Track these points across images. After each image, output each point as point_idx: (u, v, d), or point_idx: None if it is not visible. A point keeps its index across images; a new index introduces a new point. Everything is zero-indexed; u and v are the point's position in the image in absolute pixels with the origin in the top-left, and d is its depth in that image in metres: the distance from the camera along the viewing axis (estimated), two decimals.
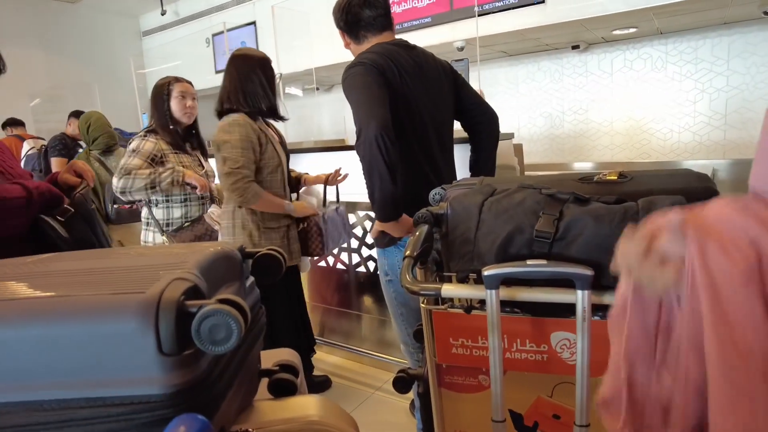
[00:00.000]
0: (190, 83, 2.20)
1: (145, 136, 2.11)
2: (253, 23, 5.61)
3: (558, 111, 4.88)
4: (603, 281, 0.78)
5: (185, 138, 2.21)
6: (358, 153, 1.45)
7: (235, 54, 2.02)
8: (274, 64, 2.06)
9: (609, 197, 0.88)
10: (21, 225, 1.08)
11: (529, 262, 0.74)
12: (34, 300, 0.52)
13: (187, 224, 2.10)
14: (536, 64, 4.89)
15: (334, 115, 6.06)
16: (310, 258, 2.20)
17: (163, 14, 6.59)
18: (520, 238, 0.81)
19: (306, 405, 0.72)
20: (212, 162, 2.14)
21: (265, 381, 0.78)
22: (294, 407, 0.72)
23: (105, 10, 6.60)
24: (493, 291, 0.78)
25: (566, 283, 0.80)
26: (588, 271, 0.74)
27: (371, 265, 2.53)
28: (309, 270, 2.33)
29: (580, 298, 0.76)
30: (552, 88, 4.86)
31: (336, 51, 4.73)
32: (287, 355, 0.88)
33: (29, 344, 0.49)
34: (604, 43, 4.51)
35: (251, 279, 0.77)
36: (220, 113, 1.98)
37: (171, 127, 2.13)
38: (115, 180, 2.02)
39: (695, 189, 0.96)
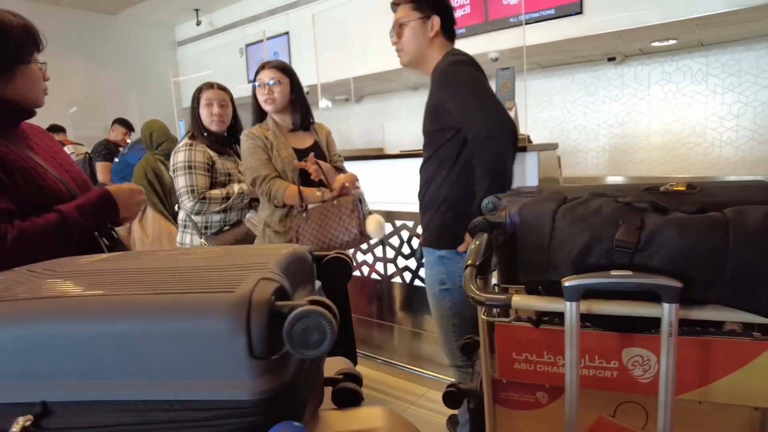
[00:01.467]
0: (223, 89, 2.18)
1: (190, 145, 2.12)
2: (287, 33, 5.68)
3: (593, 124, 4.80)
4: (689, 294, 0.73)
5: (224, 143, 2.22)
6: (483, 149, 1.42)
7: None
8: (311, 74, 2.16)
9: (688, 207, 0.84)
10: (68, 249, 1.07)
11: (613, 272, 0.70)
12: (121, 297, 0.50)
13: (226, 228, 2.11)
14: (571, 76, 4.83)
15: (363, 125, 6.09)
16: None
17: (198, 24, 6.74)
18: (599, 248, 0.77)
19: (374, 416, 0.69)
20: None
21: (328, 390, 0.76)
22: (361, 418, 0.69)
23: (142, 22, 6.78)
24: (574, 303, 0.74)
25: (646, 296, 0.76)
26: (677, 284, 0.69)
27: (407, 276, 2.49)
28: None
29: (667, 311, 0.71)
30: (587, 101, 4.78)
31: (372, 61, 4.79)
32: (345, 363, 0.86)
33: (116, 342, 0.47)
34: (642, 55, 4.43)
35: (318, 283, 0.75)
36: None
37: (204, 134, 2.14)
38: (188, 202, 2.06)
39: None
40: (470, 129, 1.46)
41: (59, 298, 0.51)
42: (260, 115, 2.08)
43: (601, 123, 4.76)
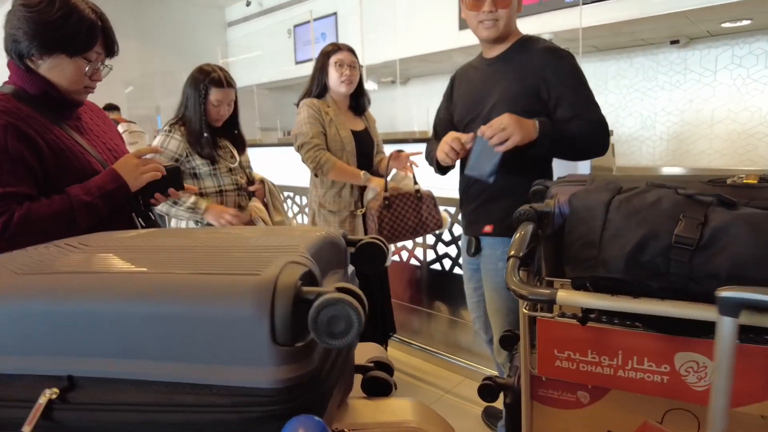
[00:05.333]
0: (232, 86, 1.96)
1: (169, 131, 1.94)
2: (334, 14, 5.65)
3: (650, 111, 4.55)
4: None
5: (219, 132, 2.01)
6: (593, 129, 1.43)
7: None
8: (359, 55, 2.09)
9: (761, 203, 0.76)
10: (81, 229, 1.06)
11: None
12: (145, 275, 0.49)
13: None
14: (628, 60, 4.58)
15: (409, 108, 6.01)
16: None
17: (248, 5, 6.80)
18: (655, 245, 0.70)
19: (404, 409, 0.66)
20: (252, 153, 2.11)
21: (358, 377, 0.74)
22: (391, 410, 0.67)
23: (193, 3, 6.91)
24: (730, 320, 0.64)
25: (703, 297, 0.69)
26: None
27: (447, 263, 2.45)
28: (389, 263, 2.28)
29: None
30: (645, 87, 4.53)
31: (420, 42, 4.69)
32: (377, 351, 0.84)
33: (139, 319, 0.46)
34: (709, 37, 4.13)
35: (351, 268, 0.72)
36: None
37: (205, 135, 1.92)
38: None
39: None
40: (584, 113, 1.42)
41: (89, 273, 0.50)
42: (320, 90, 2.08)
43: (659, 110, 4.50)
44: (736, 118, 4.14)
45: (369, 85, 5.98)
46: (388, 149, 2.17)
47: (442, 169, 1.60)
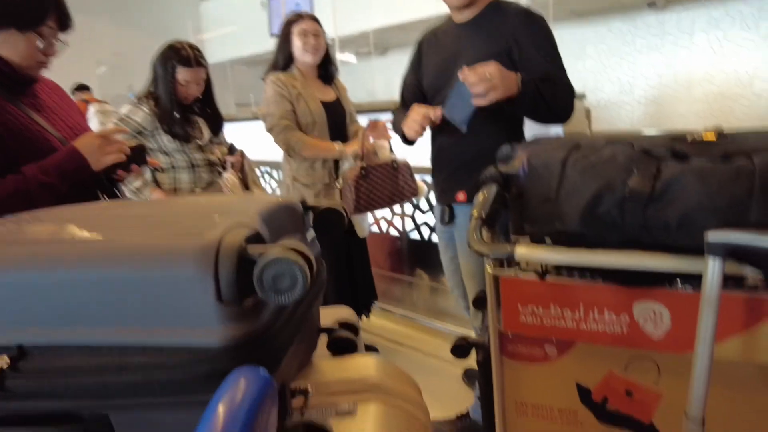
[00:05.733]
0: (201, 65, 1.91)
1: (138, 102, 1.89)
2: None
3: (628, 76, 4.55)
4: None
5: (190, 110, 1.98)
6: (564, 92, 1.43)
7: None
8: (330, 26, 2.04)
9: (712, 155, 0.77)
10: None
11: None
12: (89, 243, 0.49)
13: (198, 190, 1.97)
14: (606, 24, 4.55)
15: (389, 79, 5.94)
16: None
17: None
18: (609, 198, 0.72)
19: (366, 365, 0.68)
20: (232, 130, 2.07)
21: (323, 338, 0.75)
22: (354, 367, 0.68)
23: None
24: (718, 259, 0.65)
25: (666, 248, 0.72)
26: None
27: (425, 231, 2.47)
28: (367, 234, 2.28)
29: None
30: (623, 51, 4.52)
31: (397, 10, 4.61)
32: (345, 313, 0.85)
33: (84, 287, 0.46)
34: None
35: (312, 233, 0.73)
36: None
37: (175, 114, 1.87)
38: None
39: None
40: (556, 75, 1.41)
41: (33, 244, 0.50)
42: (286, 62, 2.04)
43: (637, 74, 4.50)
44: (713, 80, 4.17)
45: (347, 58, 5.90)
46: (368, 119, 2.15)
47: (410, 141, 1.58)
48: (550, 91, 1.37)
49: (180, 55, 1.87)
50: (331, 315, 0.82)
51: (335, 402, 0.59)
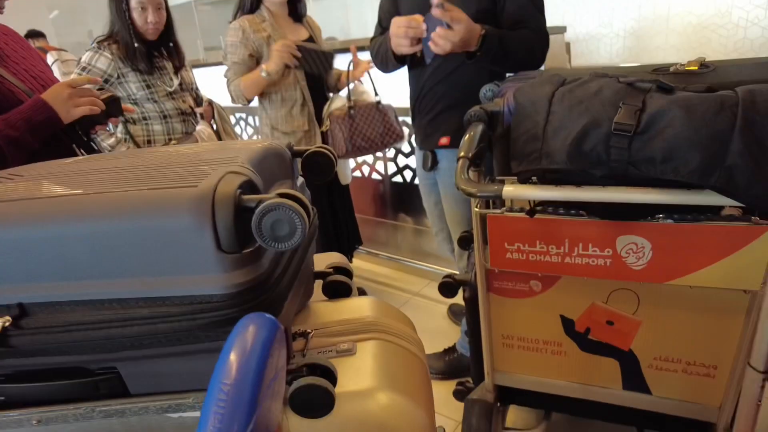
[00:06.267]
0: None
1: (98, 47, 1.79)
2: None
3: (607, 8, 4.45)
4: (691, 179, 0.70)
5: (156, 48, 1.89)
6: (539, 43, 1.38)
7: None
8: None
9: (698, 86, 0.78)
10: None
11: None
12: (82, 197, 0.48)
13: (173, 141, 1.91)
14: None
15: (362, 11, 5.70)
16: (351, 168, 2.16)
17: None
18: (595, 133, 0.72)
19: (362, 306, 0.70)
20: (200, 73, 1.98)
21: (319, 283, 0.77)
22: (350, 308, 0.70)
23: None
24: None
25: (648, 182, 0.73)
26: None
27: (408, 174, 2.47)
28: (350, 181, 2.27)
29: None
30: None
31: None
32: (337, 258, 0.86)
33: (84, 242, 0.46)
34: None
35: (301, 179, 0.72)
36: None
37: (135, 45, 1.78)
38: None
39: None
40: (530, 22, 1.36)
41: (25, 200, 0.49)
42: (253, 4, 1.92)
43: (616, 6, 4.40)
44: (692, 10, 4.10)
45: None
46: (344, 59, 2.08)
47: (401, 60, 1.46)
48: (515, 44, 1.31)
49: None
50: (323, 260, 0.83)
51: (335, 342, 0.61)
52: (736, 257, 0.79)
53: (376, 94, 2.01)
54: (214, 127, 2.04)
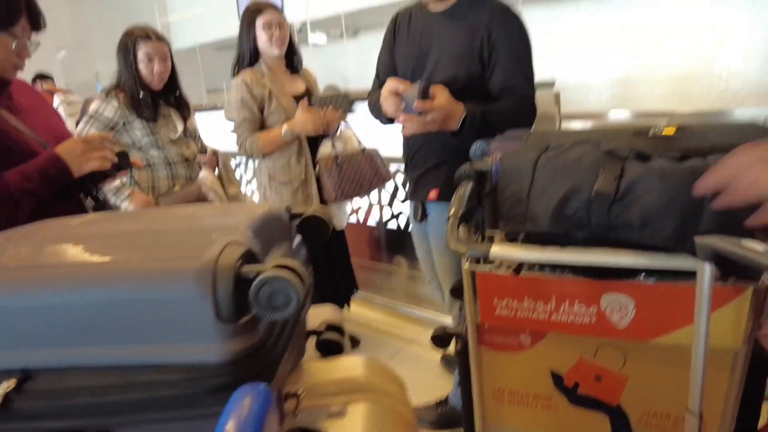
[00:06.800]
0: (163, 39, 1.92)
1: (106, 96, 1.88)
2: None
3: (596, 56, 4.63)
4: (667, 244, 0.74)
5: (161, 96, 1.96)
6: (522, 106, 1.43)
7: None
8: (301, 10, 2.03)
9: (671, 154, 0.82)
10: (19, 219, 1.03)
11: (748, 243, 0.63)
12: (87, 265, 0.51)
13: (176, 187, 1.95)
14: (575, 5, 4.62)
15: (362, 62, 5.90)
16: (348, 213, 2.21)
17: None
18: (577, 199, 0.76)
19: (354, 366, 0.72)
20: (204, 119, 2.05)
21: (311, 339, 0.79)
22: (342, 368, 0.72)
23: None
24: (708, 265, 0.69)
25: (631, 244, 0.77)
26: None
27: (403, 220, 2.51)
28: (345, 226, 2.31)
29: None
30: (591, 32, 4.59)
31: None
32: (331, 313, 0.88)
33: (87, 310, 0.48)
34: None
35: (298, 238, 0.75)
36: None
37: (141, 94, 1.87)
38: None
39: None
40: (517, 87, 1.42)
41: (31, 267, 0.52)
42: (252, 56, 2.01)
43: (604, 56, 4.59)
44: (676, 61, 4.28)
45: (318, 39, 5.82)
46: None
47: (391, 120, 1.52)
48: (499, 118, 1.37)
49: (138, 32, 1.88)
50: (317, 315, 0.85)
51: (326, 404, 0.62)
52: (715, 317, 0.82)
53: (360, 143, 2.08)
54: (217, 172, 2.10)
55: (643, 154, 0.80)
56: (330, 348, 0.78)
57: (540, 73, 1.68)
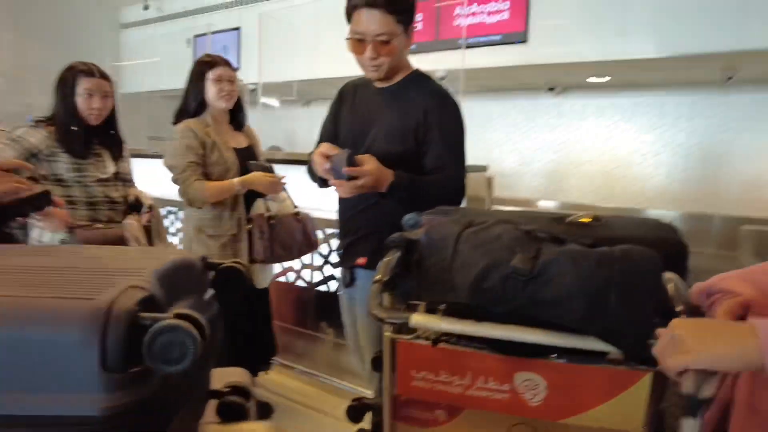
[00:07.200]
0: (106, 77, 1.86)
1: (35, 125, 1.78)
2: (238, 29, 5.55)
3: (529, 149, 5.01)
4: (576, 325, 0.77)
5: (96, 134, 1.88)
6: (452, 187, 1.49)
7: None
8: (255, 73, 2.08)
9: (585, 240, 0.88)
10: None
11: None
12: None
13: (98, 225, 1.82)
14: (512, 101, 5.02)
15: (311, 129, 6.04)
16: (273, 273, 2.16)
17: (145, 9, 6.46)
18: (495, 273, 0.79)
19: None
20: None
21: (213, 403, 0.73)
22: None
23: None
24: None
25: (544, 324, 0.79)
26: None
27: (333, 285, 2.48)
28: (268, 285, 2.24)
29: None
30: (525, 127, 4.99)
31: (318, 66, 4.76)
32: (240, 375, 0.83)
33: None
34: (579, 88, 4.68)
35: (211, 292, 0.72)
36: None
37: (73, 128, 1.79)
38: None
39: (665, 239, 0.98)
40: (446, 168, 1.48)
41: None
42: (198, 107, 2.01)
43: (536, 149, 4.97)
44: (600, 160, 4.70)
45: (270, 102, 5.93)
46: (290, 170, 2.17)
47: (325, 183, 1.54)
48: (425, 191, 1.44)
49: (81, 67, 1.83)
50: (224, 376, 0.80)
51: None
52: (619, 399, 0.84)
53: (295, 206, 2.09)
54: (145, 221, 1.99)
55: (558, 237, 0.85)
56: (232, 412, 0.72)
57: (475, 158, 1.79)
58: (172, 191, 2.44)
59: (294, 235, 2.04)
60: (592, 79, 4.28)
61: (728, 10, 2.99)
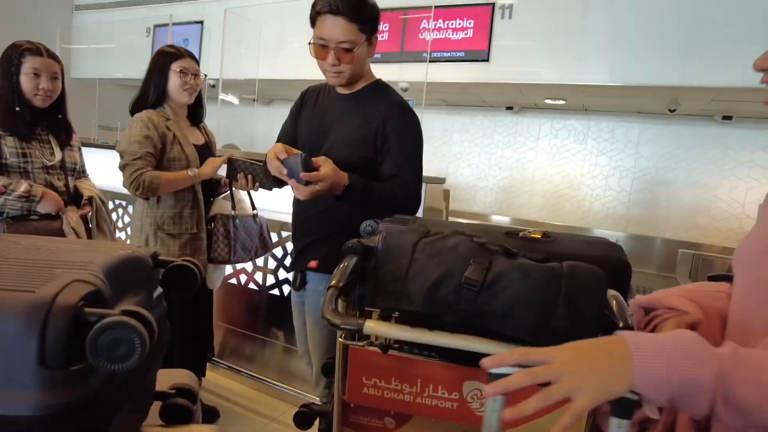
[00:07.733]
0: (55, 58, 1.77)
1: None
2: (201, 22, 5.43)
3: (485, 164, 5.13)
4: (524, 336, 0.79)
5: (42, 117, 1.80)
6: (407, 195, 1.49)
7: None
8: (216, 69, 2.04)
9: (535, 254, 0.91)
10: None
11: None
12: None
13: (34, 217, 1.72)
14: (471, 117, 5.14)
15: (270, 129, 5.95)
16: (222, 274, 2.11)
17: None
18: (449, 283, 0.80)
19: None
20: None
21: (157, 404, 0.71)
22: None
23: None
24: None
25: (492, 334, 0.81)
26: None
27: (286, 288, 2.45)
28: (218, 287, 2.19)
29: None
30: (483, 142, 5.11)
31: (281, 67, 4.72)
32: (186, 377, 0.81)
33: None
34: (536, 109, 4.84)
35: (159, 290, 0.70)
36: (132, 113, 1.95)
37: (17, 108, 1.70)
38: None
39: (610, 258, 1.03)
40: (403, 176, 1.49)
41: None
42: (157, 99, 1.94)
43: (492, 165, 5.09)
44: (551, 179, 4.87)
45: (230, 98, 5.81)
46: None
47: (279, 183, 1.54)
48: (378, 197, 1.45)
49: (27, 45, 1.73)
50: (169, 378, 0.77)
51: None
52: (562, 411, 0.87)
53: (254, 208, 2.06)
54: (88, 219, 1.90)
55: (510, 251, 0.88)
56: (177, 415, 0.70)
57: (433, 171, 1.82)
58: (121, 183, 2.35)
59: (253, 236, 2.02)
60: (549, 101, 4.44)
61: (674, 47, 3.18)
